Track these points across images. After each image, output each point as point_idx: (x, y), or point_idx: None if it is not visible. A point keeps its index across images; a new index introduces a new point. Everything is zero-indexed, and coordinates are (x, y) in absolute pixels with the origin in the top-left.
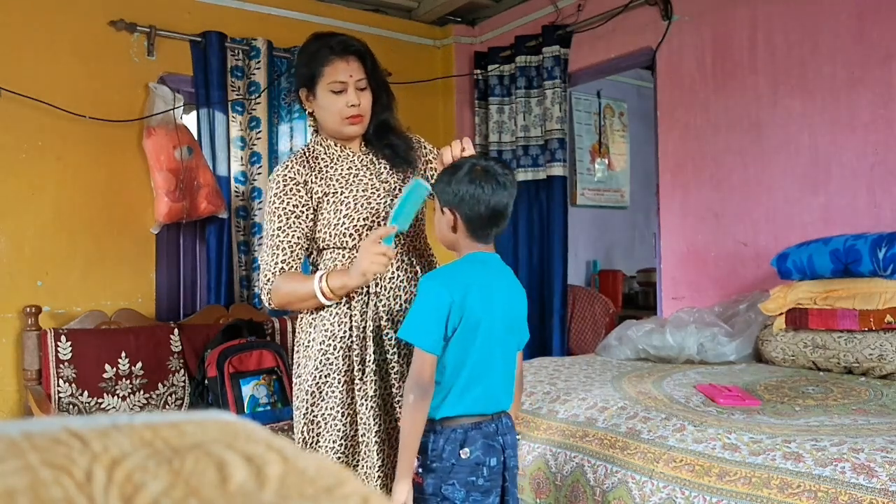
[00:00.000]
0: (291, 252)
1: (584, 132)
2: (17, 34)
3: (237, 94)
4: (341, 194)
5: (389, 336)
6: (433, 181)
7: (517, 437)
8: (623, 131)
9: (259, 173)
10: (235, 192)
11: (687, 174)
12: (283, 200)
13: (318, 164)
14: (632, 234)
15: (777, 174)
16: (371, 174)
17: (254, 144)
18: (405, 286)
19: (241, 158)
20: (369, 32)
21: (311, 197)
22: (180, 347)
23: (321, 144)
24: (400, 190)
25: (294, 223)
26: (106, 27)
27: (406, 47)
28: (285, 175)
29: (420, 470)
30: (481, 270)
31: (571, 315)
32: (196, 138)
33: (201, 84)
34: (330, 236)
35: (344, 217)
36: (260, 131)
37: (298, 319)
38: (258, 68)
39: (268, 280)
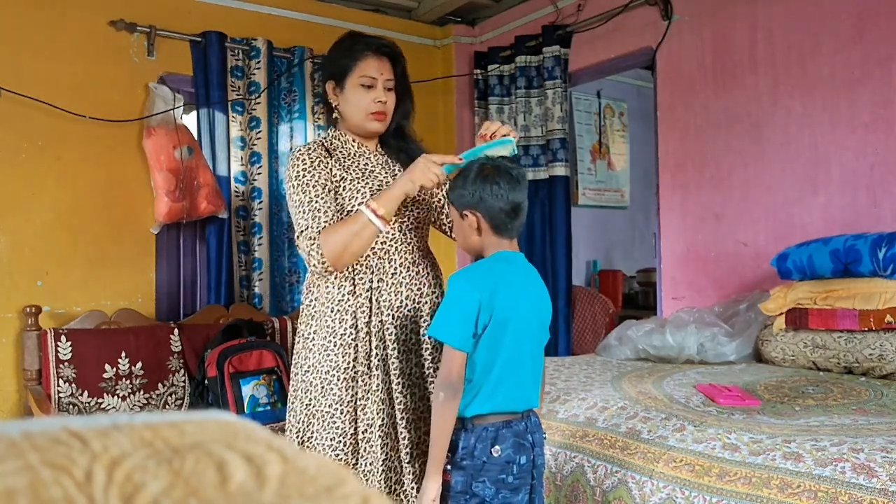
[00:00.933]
0: (331, 216)
1: (585, 132)
2: (17, 34)
3: (237, 94)
4: (357, 182)
5: (390, 332)
6: (447, 191)
7: (543, 435)
8: (623, 131)
9: (259, 173)
10: (235, 192)
11: (687, 174)
12: (313, 173)
13: (337, 153)
14: (632, 234)
15: (777, 174)
16: (386, 172)
17: (254, 144)
18: (407, 282)
19: (241, 158)
20: (369, 32)
21: (331, 178)
22: (180, 347)
23: (339, 139)
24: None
25: (328, 195)
26: (106, 27)
27: (406, 47)
28: (309, 154)
29: (449, 467)
30: (508, 268)
31: (572, 315)
32: (196, 138)
33: (201, 84)
34: None
35: (358, 205)
36: (260, 131)
37: (300, 312)
38: (258, 68)
39: (313, 239)
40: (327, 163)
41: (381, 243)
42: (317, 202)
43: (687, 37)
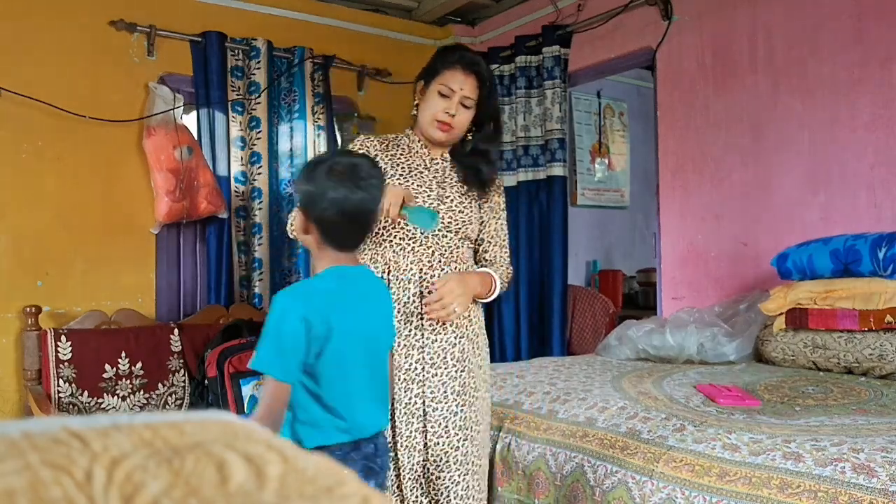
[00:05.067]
0: None
1: (585, 132)
2: (17, 34)
3: (237, 94)
4: (397, 179)
5: (395, 326)
6: None
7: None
8: (623, 131)
9: (259, 173)
10: (235, 192)
11: (687, 174)
12: None
13: (396, 150)
14: (632, 234)
15: (777, 174)
16: (433, 178)
17: (254, 144)
18: (416, 280)
19: (241, 158)
20: (369, 32)
21: None
22: (180, 347)
23: (408, 137)
24: (450, 203)
25: None
26: (106, 27)
27: (406, 47)
28: (362, 144)
29: None
30: (343, 287)
31: (572, 315)
32: (196, 138)
33: (201, 84)
34: None
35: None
36: (260, 131)
37: None
38: (258, 68)
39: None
40: (375, 156)
41: (399, 239)
42: None
43: (687, 37)
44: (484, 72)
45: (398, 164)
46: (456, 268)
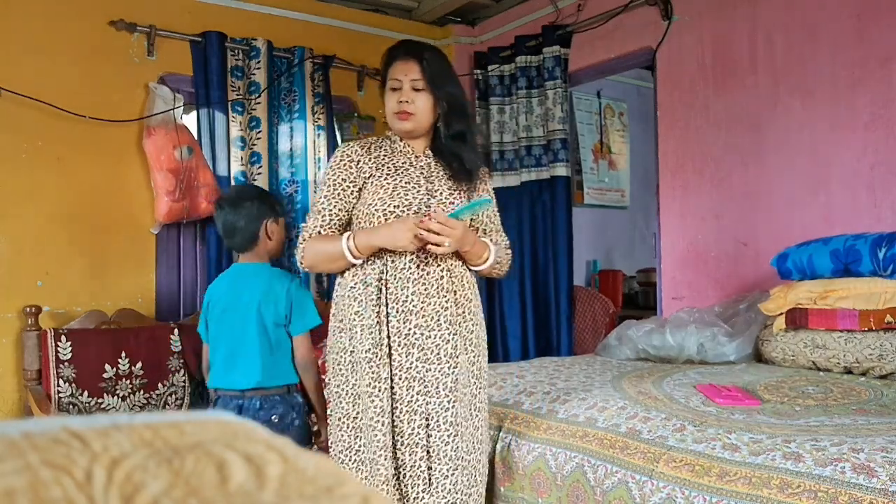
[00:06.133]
0: (331, 219)
1: (586, 132)
2: (16, 34)
3: (237, 94)
4: (384, 180)
5: (394, 325)
6: None
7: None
8: (623, 131)
9: (259, 173)
10: None
11: (687, 174)
12: (335, 173)
13: (379, 151)
14: (632, 234)
15: (777, 174)
16: (420, 173)
17: (254, 144)
18: (415, 279)
19: (241, 158)
20: (369, 32)
21: (360, 175)
22: (180, 347)
23: (390, 138)
24: (441, 196)
25: (340, 195)
26: (106, 27)
27: None
28: (343, 152)
29: None
30: (231, 278)
31: (573, 315)
32: (196, 138)
33: (201, 84)
34: (362, 215)
35: (378, 200)
36: (260, 131)
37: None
38: (258, 68)
39: (303, 240)
40: (358, 161)
41: None
42: (323, 202)
43: (687, 37)
44: (425, 54)
45: (383, 165)
46: (452, 262)
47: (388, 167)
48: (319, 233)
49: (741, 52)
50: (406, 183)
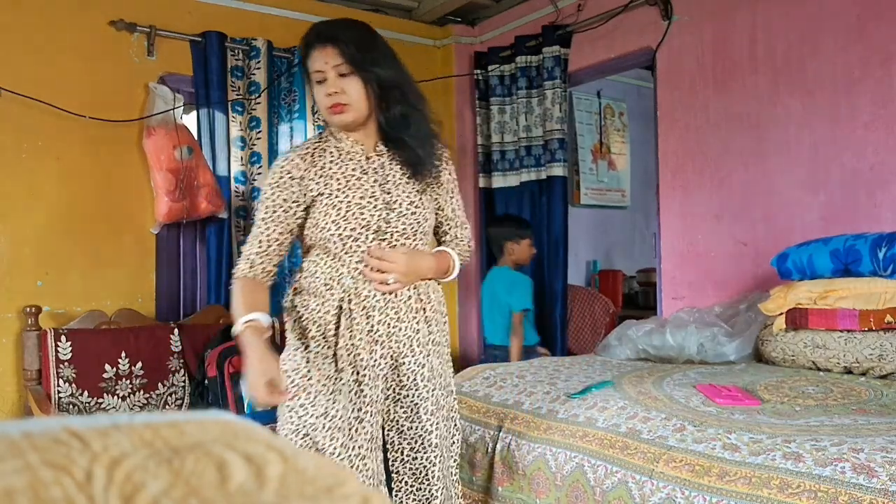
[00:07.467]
0: (268, 246)
1: (586, 132)
2: (16, 34)
3: (237, 94)
4: (335, 198)
5: (361, 356)
6: None
7: None
8: (623, 131)
9: (259, 173)
10: (235, 192)
11: (687, 174)
12: (275, 192)
13: (323, 158)
14: (632, 234)
15: (777, 174)
16: (375, 181)
17: (254, 144)
18: (381, 307)
19: (241, 158)
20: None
21: (305, 194)
22: (180, 347)
23: (335, 136)
24: (401, 208)
25: (280, 218)
26: (106, 27)
27: (406, 47)
28: (282, 168)
29: None
30: None
31: (571, 315)
32: (196, 138)
33: (201, 84)
34: (315, 237)
35: (331, 223)
36: (260, 131)
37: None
38: (258, 68)
39: (238, 269)
40: (301, 177)
41: (357, 262)
42: (261, 227)
43: (687, 37)
44: (341, 34)
45: (331, 176)
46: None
47: (337, 179)
48: (253, 262)
49: (741, 52)
50: (360, 198)
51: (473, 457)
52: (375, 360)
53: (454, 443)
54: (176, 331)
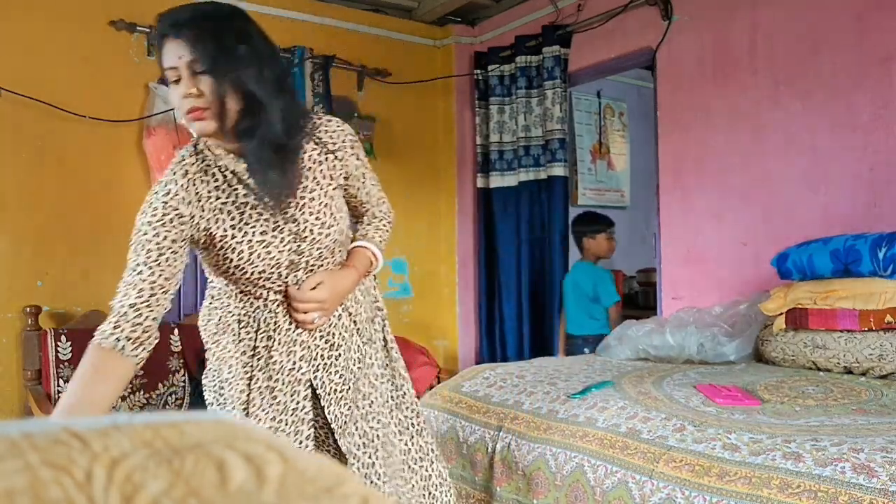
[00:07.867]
0: (151, 295)
1: (585, 132)
2: (17, 34)
3: None
4: (233, 239)
5: (280, 401)
6: None
7: None
8: (623, 131)
9: None
10: None
11: (687, 174)
12: (159, 234)
13: (207, 184)
14: (632, 234)
15: (777, 174)
16: (255, 209)
17: None
18: (302, 341)
19: None
20: (369, 32)
21: (193, 229)
22: (180, 347)
23: (211, 150)
24: (311, 235)
25: (169, 260)
26: (106, 27)
27: (406, 47)
28: (167, 204)
29: None
30: None
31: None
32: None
33: None
34: (222, 282)
35: (234, 268)
36: None
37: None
38: None
39: (100, 331)
40: (189, 214)
41: (270, 291)
42: (142, 273)
43: (687, 37)
44: (180, 20)
45: (221, 210)
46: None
47: (229, 213)
48: (126, 319)
49: (741, 52)
50: (262, 234)
51: (473, 457)
52: (298, 402)
53: (422, 457)
54: (176, 331)
